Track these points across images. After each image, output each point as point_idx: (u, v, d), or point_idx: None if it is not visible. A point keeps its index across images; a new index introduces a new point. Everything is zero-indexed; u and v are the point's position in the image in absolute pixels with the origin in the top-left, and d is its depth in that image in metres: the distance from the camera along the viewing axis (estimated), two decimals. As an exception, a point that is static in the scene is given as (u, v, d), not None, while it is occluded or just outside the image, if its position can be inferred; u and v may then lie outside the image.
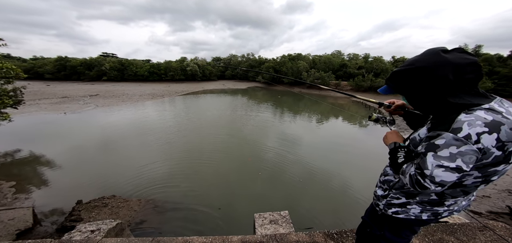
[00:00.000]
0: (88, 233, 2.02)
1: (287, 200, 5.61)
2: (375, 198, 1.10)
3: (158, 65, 48.97)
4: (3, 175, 6.19)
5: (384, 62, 29.33)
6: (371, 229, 1.12)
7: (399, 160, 0.91)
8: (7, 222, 3.37)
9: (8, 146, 8.72)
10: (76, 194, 5.50)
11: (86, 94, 26.25)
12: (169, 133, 11.26)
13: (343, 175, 6.87)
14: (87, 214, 4.52)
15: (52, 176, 6.57)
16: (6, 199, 4.71)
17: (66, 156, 8.00)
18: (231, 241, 1.93)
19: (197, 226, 4.62)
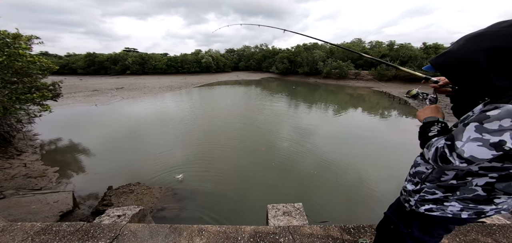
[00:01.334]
0: (115, 217, 2.22)
1: (300, 192, 5.56)
2: (404, 194, 1.01)
3: (175, 59, 50.94)
4: (49, 161, 7.02)
5: (412, 49, 26.63)
6: (396, 226, 1.04)
7: (431, 133, 0.81)
8: (52, 204, 3.85)
9: (52, 135, 9.83)
10: (107, 180, 6.05)
11: (113, 88, 28.23)
12: (186, 123, 11.74)
13: (360, 168, 6.58)
14: (116, 199, 4.96)
15: (88, 163, 7.28)
16: (51, 183, 5.35)
17: (98, 144, 8.79)
18: (244, 231, 1.98)
19: (212, 214, 4.82)
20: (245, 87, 29.19)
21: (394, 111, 15.88)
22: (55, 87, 9.61)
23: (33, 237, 1.64)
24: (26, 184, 4.89)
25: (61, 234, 1.70)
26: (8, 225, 1.75)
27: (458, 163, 0.69)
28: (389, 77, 25.75)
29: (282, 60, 40.03)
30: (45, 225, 1.76)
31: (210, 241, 1.84)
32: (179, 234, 1.90)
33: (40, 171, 5.97)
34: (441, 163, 0.72)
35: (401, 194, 1.04)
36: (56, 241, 1.63)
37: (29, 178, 5.24)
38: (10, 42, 4.06)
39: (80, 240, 1.68)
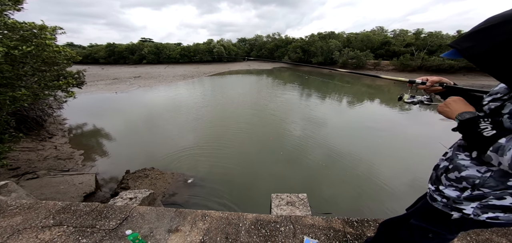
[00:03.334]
0: (127, 200, 2.38)
1: (308, 183, 5.52)
2: (444, 200, 0.87)
3: (187, 48, 52.07)
4: (75, 144, 7.67)
5: (443, 37, 24.14)
6: (436, 235, 0.94)
7: (485, 132, 0.67)
8: (78, 185, 4.23)
9: (79, 120, 10.71)
10: (126, 164, 6.48)
11: (131, 76, 29.66)
12: (198, 111, 12.06)
13: (372, 162, 6.33)
14: (133, 183, 5.32)
15: (109, 147, 7.84)
16: (77, 165, 5.86)
17: (118, 130, 9.40)
18: (246, 218, 2.02)
19: (219, 201, 4.98)
20: (256, 76, 28.96)
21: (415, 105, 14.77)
22: (79, 76, 10.30)
23: (55, 215, 1.83)
24: (57, 165, 5.41)
25: (78, 213, 1.87)
26: (34, 202, 1.96)
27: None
28: (413, 67, 23.85)
29: (295, 49, 38.77)
30: (65, 205, 1.94)
31: (212, 226, 1.91)
32: (183, 218, 1.99)
33: (68, 153, 6.54)
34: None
35: (434, 200, 0.91)
36: (73, 219, 1.80)
37: (59, 160, 5.78)
38: (37, 33, 4.37)
39: (94, 220, 1.83)
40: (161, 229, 1.84)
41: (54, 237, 1.62)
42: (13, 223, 1.76)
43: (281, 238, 1.77)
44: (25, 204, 1.94)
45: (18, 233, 1.66)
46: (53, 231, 1.67)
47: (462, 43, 0.70)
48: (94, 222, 1.81)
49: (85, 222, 1.80)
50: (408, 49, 25.96)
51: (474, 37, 0.66)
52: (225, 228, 1.90)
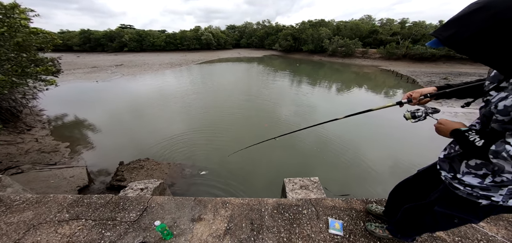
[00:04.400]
0: (138, 190, 2.27)
1: (305, 168, 5.68)
2: (469, 188, 0.89)
3: (173, 35, 49.54)
4: (58, 136, 7.11)
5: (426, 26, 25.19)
6: (461, 220, 0.99)
7: (477, 142, 0.76)
8: (69, 178, 3.97)
9: (58, 110, 9.88)
10: (116, 155, 6.17)
11: (112, 64, 27.83)
12: (189, 99, 11.71)
13: (361, 146, 6.65)
14: (128, 175, 5.11)
15: (95, 138, 7.39)
16: (64, 158, 5.47)
17: (103, 120, 8.86)
18: (267, 203, 2.03)
19: (219, 189, 4.98)
20: (247, 64, 28.50)
21: (399, 90, 15.61)
22: (54, 63, 9.37)
23: (68, 208, 1.69)
24: (41, 159, 5.00)
25: (93, 206, 1.75)
26: (41, 196, 1.80)
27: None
28: (398, 56, 24.85)
29: (286, 37, 38.35)
30: (76, 197, 1.80)
31: (235, 213, 1.89)
32: (204, 206, 1.95)
33: (52, 146, 6.07)
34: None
35: (456, 188, 0.93)
36: (90, 212, 1.68)
37: (42, 153, 5.35)
38: (8, 13, 3.81)
39: (112, 212, 1.73)
40: (184, 219, 1.80)
41: (75, 231, 1.52)
42: (24, 218, 1.62)
43: (306, 220, 1.80)
44: (31, 198, 1.78)
45: (35, 229, 1.53)
46: (72, 225, 1.56)
47: (443, 32, 0.71)
48: (113, 214, 1.71)
49: (103, 214, 1.69)
50: (394, 38, 26.88)
51: (455, 25, 0.67)
52: (248, 214, 1.89)
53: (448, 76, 18.08)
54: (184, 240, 1.62)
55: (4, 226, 1.60)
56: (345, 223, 1.71)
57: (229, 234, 1.69)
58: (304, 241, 1.60)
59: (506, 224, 1.64)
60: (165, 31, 57.72)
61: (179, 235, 1.65)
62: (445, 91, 1.06)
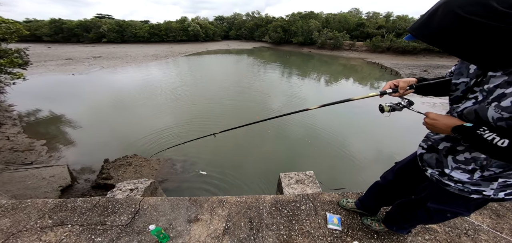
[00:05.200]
0: (128, 191, 2.14)
1: (298, 160, 5.77)
2: (460, 184, 0.89)
3: (158, 26, 47.16)
4: (33, 134, 6.55)
5: (408, 21, 26.18)
6: (453, 214, 1.01)
7: (499, 142, 0.67)
8: (49, 179, 3.67)
9: (29, 106, 9.07)
10: (100, 153, 5.84)
11: (90, 56, 26.09)
12: (178, 93, 11.31)
13: (351, 137, 6.88)
14: (115, 172, 4.85)
15: (75, 135, 6.92)
16: (42, 157, 5.06)
17: (83, 116, 8.29)
18: (264, 200, 2.00)
19: (213, 184, 4.92)
20: (237, 56, 28.02)
21: (383, 81, 16.26)
22: (20, 55, 8.47)
23: (50, 214, 1.55)
24: (15, 158, 4.58)
25: (78, 210, 1.62)
26: (17, 202, 1.62)
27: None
28: (383, 49, 25.76)
29: (276, 29, 38.00)
30: (59, 202, 1.65)
31: (232, 212, 1.85)
32: (200, 206, 1.88)
33: (26, 144, 5.59)
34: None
35: (446, 185, 0.93)
36: (76, 217, 1.55)
37: (16, 152, 4.90)
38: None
39: (101, 216, 1.61)
40: (180, 220, 1.73)
41: (62, 238, 1.39)
42: (1, 226, 1.46)
43: (304, 216, 1.81)
44: (6, 204, 1.60)
45: (15, 237, 1.38)
46: (57, 232, 1.43)
47: (414, 27, 0.74)
48: (102, 218, 1.59)
49: (91, 219, 1.57)
50: (379, 32, 27.72)
51: (425, 21, 0.70)
52: (246, 212, 1.86)
53: (428, 68, 19.08)
54: (182, 242, 1.56)
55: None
56: (343, 218, 1.74)
57: (228, 234, 1.65)
58: (304, 237, 1.60)
59: (490, 212, 1.76)
60: (148, 21, 54.69)
61: (176, 237, 1.58)
62: (429, 83, 1.02)
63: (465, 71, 0.84)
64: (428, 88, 1.03)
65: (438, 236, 1.54)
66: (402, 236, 1.52)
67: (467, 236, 1.54)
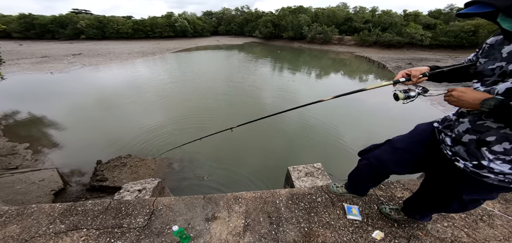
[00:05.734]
0: (136, 192, 2.05)
1: (298, 153, 5.82)
2: (501, 176, 0.88)
3: (142, 22, 44.99)
4: (13, 137, 6.07)
5: (392, 15, 27.09)
6: (485, 200, 1.07)
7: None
8: (39, 183, 3.43)
9: (3, 107, 8.36)
10: (89, 154, 5.55)
11: (68, 54, 24.52)
12: (169, 89, 10.97)
13: (345, 129, 7.03)
14: (110, 174, 4.63)
15: (60, 137, 6.50)
16: (27, 161, 4.71)
17: (67, 116, 7.81)
18: (280, 194, 2.00)
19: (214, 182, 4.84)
20: (227, 52, 27.60)
21: (371, 75, 16.80)
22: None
23: (61, 218, 1.43)
24: (-3, 165, 4.22)
25: (90, 213, 1.51)
26: (22, 208, 1.49)
27: None
28: (370, 43, 26.56)
29: (266, 24, 37.79)
30: (67, 206, 1.54)
31: (249, 208, 1.83)
32: (215, 204, 1.84)
33: (8, 148, 5.16)
34: None
35: (485, 177, 0.91)
36: (89, 221, 1.45)
37: (-2, 158, 4.51)
38: None
39: (116, 219, 1.52)
40: (198, 219, 1.68)
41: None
42: (11, 233, 1.35)
43: (322, 208, 1.82)
44: (9, 210, 1.47)
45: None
46: (74, 237, 1.33)
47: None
48: (118, 221, 1.51)
49: (106, 222, 1.48)
50: (366, 26, 28.49)
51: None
52: (263, 207, 1.85)
53: (412, 61, 19.96)
54: (203, 241, 1.51)
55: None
56: (360, 208, 1.77)
57: (249, 231, 1.63)
58: (325, 229, 1.62)
59: (500, 198, 1.88)
60: (132, 17, 52.00)
61: (196, 237, 1.53)
62: (442, 70, 1.05)
63: (498, 55, 0.85)
64: (441, 75, 1.06)
65: (456, 222, 1.62)
66: (422, 224, 1.58)
67: (483, 221, 1.63)
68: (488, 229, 1.57)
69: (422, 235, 1.53)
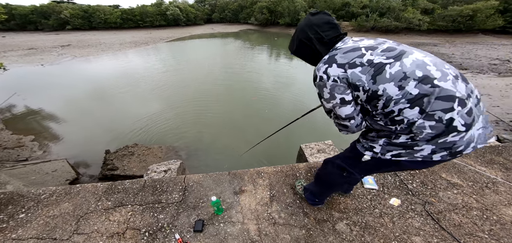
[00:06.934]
0: (162, 173, 2.14)
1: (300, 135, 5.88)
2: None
3: (131, 11, 42.87)
4: (16, 130, 6.01)
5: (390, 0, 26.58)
6: None
7: None
8: (52, 173, 3.47)
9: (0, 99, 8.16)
10: (93, 144, 5.57)
11: (56, 45, 23.52)
12: (166, 79, 10.79)
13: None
14: (119, 163, 4.68)
15: (63, 129, 6.45)
16: (35, 153, 4.70)
17: (65, 109, 7.68)
18: (299, 167, 2.14)
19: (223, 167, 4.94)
20: (223, 40, 27.00)
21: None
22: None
23: (106, 196, 1.53)
24: (8, 156, 4.20)
25: (130, 191, 1.61)
26: (68, 188, 1.56)
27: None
28: (367, 28, 26.33)
29: (261, 10, 36.71)
30: (108, 185, 1.62)
31: (272, 181, 1.96)
32: (241, 178, 1.96)
33: (14, 141, 5.12)
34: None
35: None
36: (131, 198, 1.55)
37: (6, 149, 4.49)
38: None
39: (154, 195, 1.62)
40: (228, 193, 1.80)
41: (128, 217, 1.40)
42: (65, 210, 1.48)
43: (339, 178, 1.95)
44: (58, 190, 1.56)
45: (85, 219, 1.37)
46: (122, 212, 1.43)
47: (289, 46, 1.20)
48: (156, 197, 1.61)
49: (146, 198, 1.58)
50: (364, 11, 28.06)
51: (292, 39, 1.15)
52: (285, 180, 1.98)
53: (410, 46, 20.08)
54: (235, 212, 1.64)
55: (50, 220, 1.46)
56: (376, 177, 1.92)
57: (275, 201, 1.76)
58: (345, 197, 1.76)
59: (500, 166, 2.05)
60: (119, 6, 49.46)
61: (228, 208, 1.66)
62: None
63: None
64: None
65: (464, 189, 1.78)
66: (434, 192, 1.74)
67: (489, 188, 1.80)
68: (494, 195, 1.73)
69: (435, 201, 1.69)
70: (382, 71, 0.82)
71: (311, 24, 0.99)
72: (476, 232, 1.43)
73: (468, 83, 0.82)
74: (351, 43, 0.94)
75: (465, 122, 0.76)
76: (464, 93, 0.77)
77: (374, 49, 0.88)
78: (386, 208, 1.66)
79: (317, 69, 0.97)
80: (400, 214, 1.60)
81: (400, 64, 0.82)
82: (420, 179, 1.91)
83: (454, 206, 1.65)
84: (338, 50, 0.93)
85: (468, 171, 2.00)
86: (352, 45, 0.92)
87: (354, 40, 0.97)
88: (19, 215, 1.50)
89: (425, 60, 0.82)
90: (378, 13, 26.32)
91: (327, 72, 0.91)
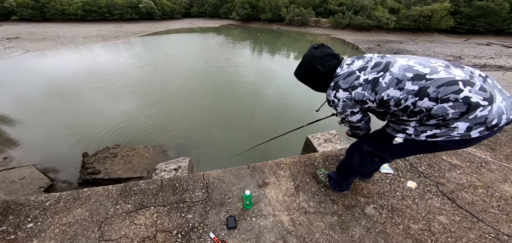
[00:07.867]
0: (173, 171, 1.95)
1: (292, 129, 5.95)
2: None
3: (95, 2, 38.03)
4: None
5: (364, -1, 28.43)
6: None
7: None
8: (20, 181, 2.94)
9: None
10: (62, 147, 4.91)
11: (1, 37, 20.03)
12: (143, 74, 9.92)
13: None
14: (101, 166, 4.18)
15: (21, 133, 5.50)
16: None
17: (21, 109, 6.57)
18: (315, 157, 2.14)
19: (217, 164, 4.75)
20: (203, 35, 25.96)
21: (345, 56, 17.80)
22: None
23: (123, 199, 1.30)
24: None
25: (149, 192, 1.41)
26: (75, 192, 1.29)
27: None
28: (343, 25, 27.78)
29: (243, 5, 36.02)
30: (121, 187, 1.40)
31: (293, 171, 1.92)
32: (261, 171, 1.89)
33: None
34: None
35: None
36: (152, 199, 1.36)
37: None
38: None
39: (175, 195, 1.46)
40: (252, 187, 1.71)
41: (155, 220, 1.22)
42: (81, 216, 1.27)
43: (356, 164, 1.99)
44: (65, 196, 1.30)
45: (106, 225, 1.17)
46: (146, 214, 1.26)
47: (295, 73, 1.29)
48: (178, 196, 1.45)
49: (169, 199, 1.41)
50: (340, 8, 29.50)
51: (298, 69, 1.27)
52: (305, 169, 1.96)
53: (380, 42, 21.67)
54: (264, 205, 1.57)
55: (67, 228, 1.27)
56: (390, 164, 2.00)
57: (300, 190, 1.73)
58: (366, 182, 1.80)
59: (486, 147, 2.29)
60: (80, -5, 43.78)
61: (256, 202, 1.58)
62: None
63: None
64: None
65: (465, 170, 1.95)
66: (442, 173, 1.88)
67: (484, 168, 1.99)
68: (490, 174, 1.93)
69: (445, 182, 1.82)
70: (378, 84, 0.99)
71: (316, 57, 1.16)
72: (488, 208, 1.57)
73: (463, 67, 0.88)
74: (346, 68, 1.11)
75: (484, 97, 0.79)
76: (465, 75, 0.83)
77: (365, 69, 1.05)
78: (406, 191, 1.74)
79: (328, 95, 1.18)
80: (419, 196, 1.69)
81: (390, 73, 0.96)
82: (427, 162, 2.05)
83: (462, 186, 1.80)
84: (339, 76, 1.11)
85: (462, 152, 2.21)
86: (347, 70, 1.10)
87: (348, 64, 1.13)
88: (26, 224, 1.30)
89: (410, 63, 0.94)
90: (353, 11, 27.91)
91: (337, 96, 1.12)
